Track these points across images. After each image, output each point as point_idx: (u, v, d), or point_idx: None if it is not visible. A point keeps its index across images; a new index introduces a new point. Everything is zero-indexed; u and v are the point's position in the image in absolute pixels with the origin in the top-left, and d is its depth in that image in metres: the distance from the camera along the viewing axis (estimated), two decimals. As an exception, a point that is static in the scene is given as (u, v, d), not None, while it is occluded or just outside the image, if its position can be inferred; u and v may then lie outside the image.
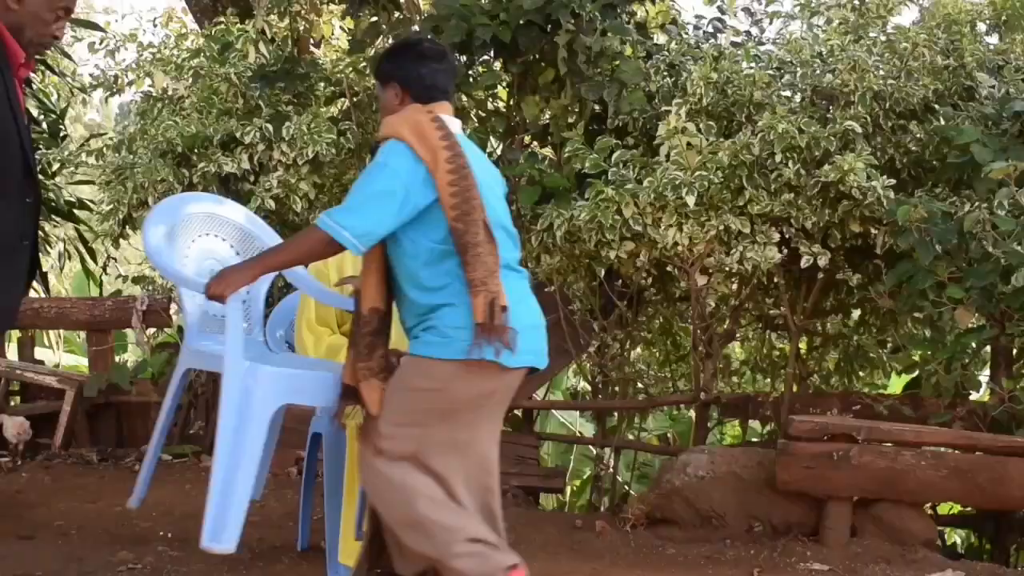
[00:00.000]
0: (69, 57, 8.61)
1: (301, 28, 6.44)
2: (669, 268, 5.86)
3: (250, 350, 3.67)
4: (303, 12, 6.39)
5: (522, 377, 3.38)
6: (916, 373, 5.83)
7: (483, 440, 3.38)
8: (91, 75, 6.37)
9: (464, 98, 5.88)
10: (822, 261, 5.11)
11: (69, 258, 9.04)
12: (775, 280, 5.61)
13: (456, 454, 3.29)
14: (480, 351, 3.16)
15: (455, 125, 3.36)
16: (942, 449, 4.79)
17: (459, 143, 3.26)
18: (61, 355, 10.21)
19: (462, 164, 3.21)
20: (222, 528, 3.30)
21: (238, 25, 6.18)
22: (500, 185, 3.47)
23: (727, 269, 5.29)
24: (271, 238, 4.08)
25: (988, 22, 5.95)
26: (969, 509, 5.50)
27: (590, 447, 7.34)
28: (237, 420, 3.39)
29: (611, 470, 6.64)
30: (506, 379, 3.30)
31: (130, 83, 6.37)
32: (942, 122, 5.20)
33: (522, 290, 3.37)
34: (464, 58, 5.77)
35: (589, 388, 6.58)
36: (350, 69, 6.20)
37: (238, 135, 5.62)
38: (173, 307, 6.96)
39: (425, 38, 3.80)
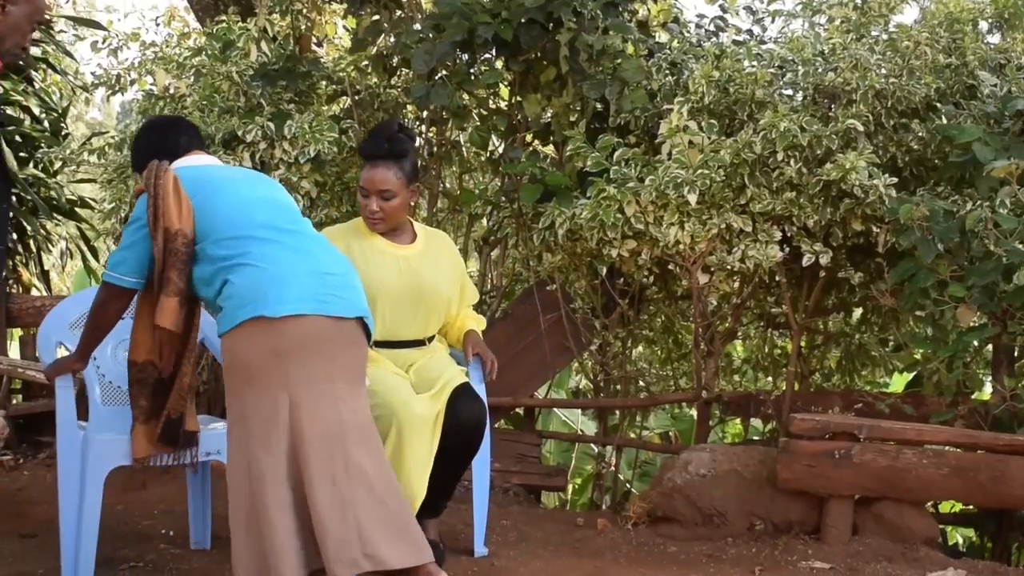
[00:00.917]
0: (71, 56, 8.61)
1: (303, 27, 6.44)
2: (671, 266, 5.86)
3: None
4: (305, 11, 6.38)
5: (334, 327, 3.47)
6: (918, 371, 5.83)
7: (324, 400, 3.43)
8: (93, 74, 6.36)
9: (466, 96, 5.87)
10: (824, 259, 5.11)
11: (71, 256, 9.04)
12: (777, 278, 5.61)
13: (274, 419, 3.38)
14: (245, 311, 3.40)
15: (201, 160, 3.85)
16: (943, 447, 4.79)
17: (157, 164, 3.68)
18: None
19: (157, 174, 3.64)
20: None
21: (240, 24, 6.17)
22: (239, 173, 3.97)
23: (729, 267, 5.29)
24: None
25: (990, 20, 5.94)
26: (971, 507, 5.50)
27: (592, 445, 7.35)
28: (77, 483, 3.87)
29: (612, 468, 6.65)
30: (293, 332, 3.40)
31: (132, 82, 6.37)
32: (944, 121, 5.20)
33: (299, 249, 3.58)
34: (466, 56, 5.77)
35: (591, 386, 6.58)
36: (352, 68, 6.20)
37: (240, 133, 5.61)
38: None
39: (153, 120, 4.18)
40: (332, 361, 3.46)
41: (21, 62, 4.29)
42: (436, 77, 5.65)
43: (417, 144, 4.34)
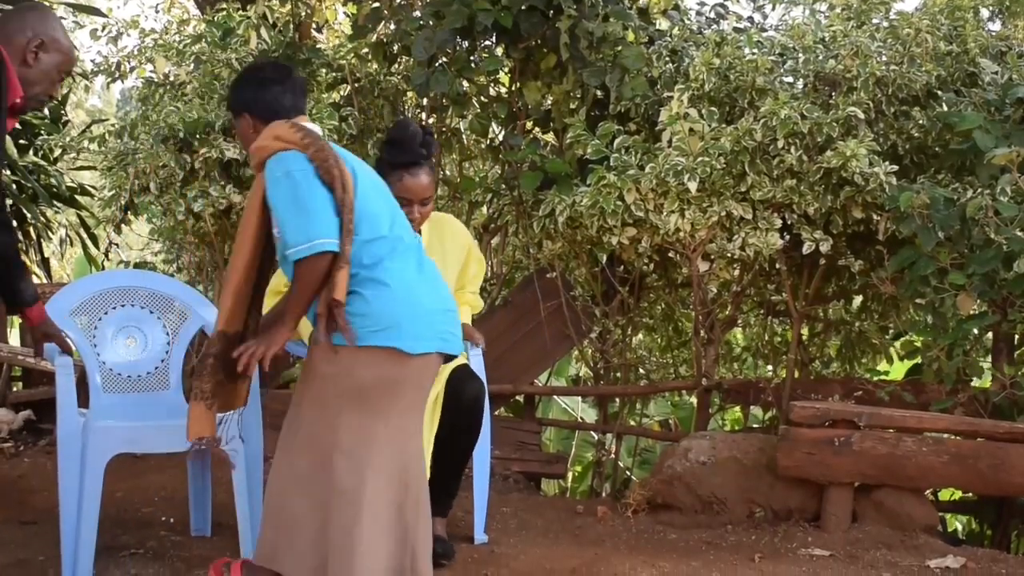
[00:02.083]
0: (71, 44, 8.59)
1: (303, 13, 6.43)
2: (671, 254, 5.86)
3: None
4: (304, -3, 6.39)
5: (435, 364, 3.40)
6: (918, 359, 5.83)
7: (401, 432, 3.38)
8: (93, 61, 6.36)
9: (466, 84, 5.87)
10: (824, 247, 5.11)
11: (71, 244, 9.05)
12: (777, 266, 5.61)
13: (371, 444, 3.29)
14: (377, 337, 3.22)
15: (316, 128, 3.44)
16: (943, 435, 4.79)
17: (319, 137, 3.34)
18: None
19: (323, 146, 3.28)
20: (74, 567, 3.77)
21: (239, 11, 6.16)
22: (372, 175, 3.47)
23: (729, 255, 5.29)
24: (187, 295, 4.45)
25: (991, 8, 5.93)
26: (970, 495, 5.51)
27: (592, 433, 7.36)
28: (77, 470, 3.83)
29: (612, 456, 6.66)
30: (412, 366, 3.31)
31: (132, 69, 6.37)
32: (944, 108, 5.19)
33: (421, 273, 3.39)
34: (466, 44, 5.76)
35: (591, 374, 6.59)
36: (352, 55, 6.19)
37: (240, 121, 5.61)
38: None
39: (268, 63, 3.95)
40: (425, 391, 3.47)
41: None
42: (436, 64, 5.65)
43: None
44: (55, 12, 3.76)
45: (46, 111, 7.90)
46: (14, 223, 6.77)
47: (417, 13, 5.84)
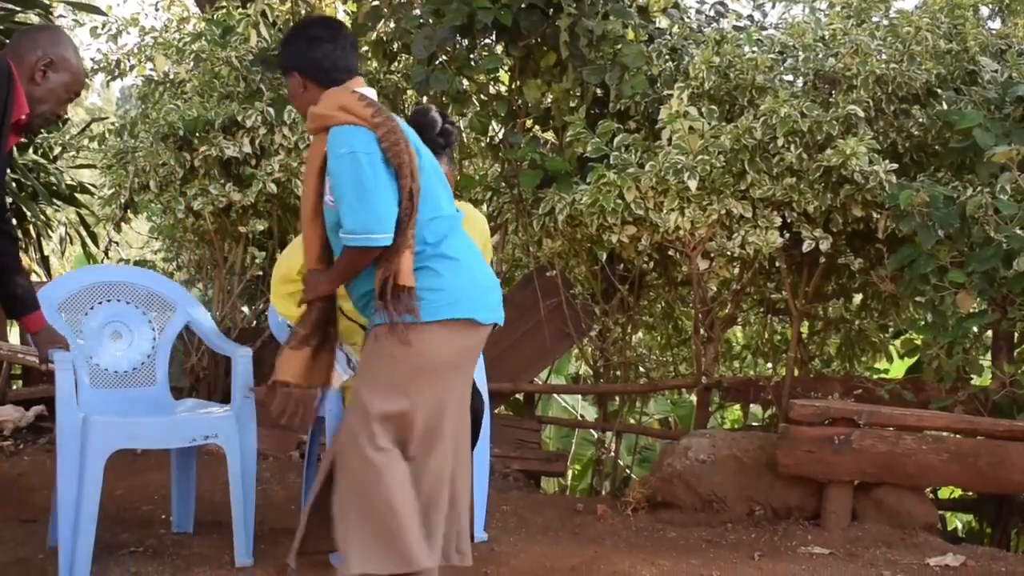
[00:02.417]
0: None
1: (302, 11, 6.42)
2: (671, 252, 5.86)
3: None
4: (304, -5, 6.38)
5: (486, 337, 3.48)
6: (917, 357, 5.83)
7: (462, 402, 3.50)
8: (93, 59, 6.36)
9: (466, 82, 5.87)
10: (824, 245, 5.11)
11: (71, 242, 9.04)
12: (777, 264, 5.61)
13: (443, 416, 3.37)
14: (453, 310, 3.29)
15: (373, 94, 3.42)
16: (943, 433, 4.79)
17: (390, 115, 3.30)
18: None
19: (394, 127, 3.26)
20: (72, 564, 3.74)
21: (239, 9, 6.16)
22: (429, 154, 3.47)
23: (729, 253, 5.29)
24: (173, 291, 4.45)
25: (991, 6, 5.93)
26: (970, 493, 5.51)
27: (591, 431, 7.36)
28: (76, 466, 3.78)
29: (612, 454, 6.66)
30: (480, 336, 3.41)
31: (131, 67, 6.37)
32: (944, 106, 5.19)
33: (469, 241, 3.47)
34: (466, 41, 5.76)
35: (591, 372, 6.59)
36: (351, 53, 6.19)
37: (240, 119, 5.62)
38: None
39: (318, 19, 3.89)
40: (476, 363, 3.57)
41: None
42: (436, 62, 5.65)
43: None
44: (69, 35, 3.80)
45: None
46: (14, 221, 6.77)
47: (417, 11, 5.84)
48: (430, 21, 5.60)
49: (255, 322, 6.61)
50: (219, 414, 4.06)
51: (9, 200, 5.39)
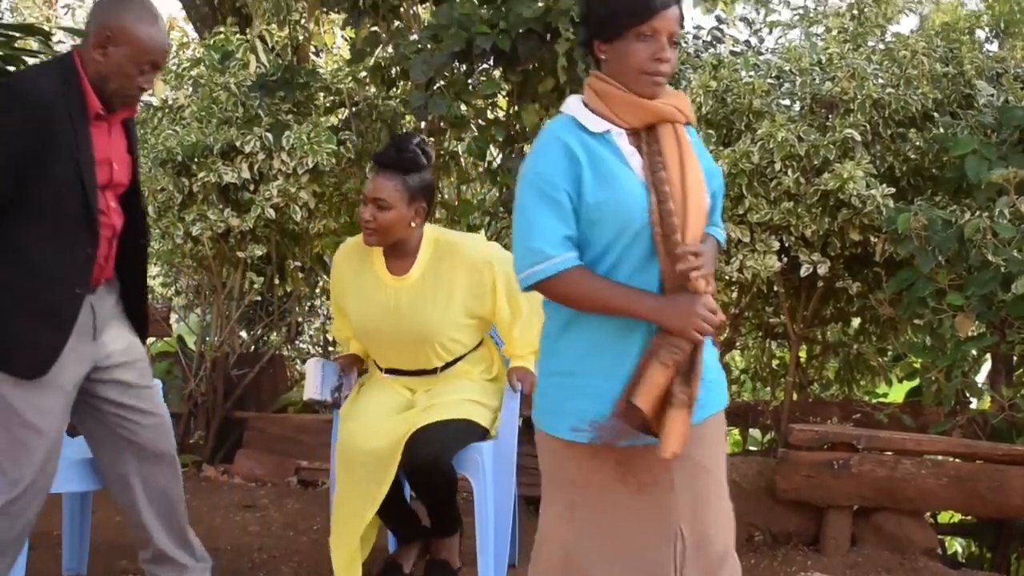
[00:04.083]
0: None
1: (301, 37, 6.45)
2: (669, 276, 5.84)
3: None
4: (303, 21, 6.40)
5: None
6: (916, 381, 5.82)
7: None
8: (91, 84, 6.37)
9: (464, 107, 5.88)
10: (822, 269, 5.10)
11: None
12: (775, 288, 5.60)
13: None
14: None
15: None
16: (942, 458, 4.78)
17: None
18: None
19: None
20: None
21: (238, 34, 6.18)
22: None
23: (727, 277, 5.29)
24: None
25: (987, 29, 5.95)
26: (969, 518, 5.49)
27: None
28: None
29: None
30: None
31: (130, 93, 6.38)
32: (941, 130, 5.20)
33: None
34: (464, 67, 5.77)
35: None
36: (350, 78, 6.21)
37: (238, 144, 5.62)
38: (173, 316, 6.96)
39: None
40: None
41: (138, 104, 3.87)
42: (434, 87, 5.66)
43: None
44: None
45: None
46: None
47: (415, 36, 5.85)
48: (428, 46, 5.61)
49: (253, 347, 6.60)
50: None
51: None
